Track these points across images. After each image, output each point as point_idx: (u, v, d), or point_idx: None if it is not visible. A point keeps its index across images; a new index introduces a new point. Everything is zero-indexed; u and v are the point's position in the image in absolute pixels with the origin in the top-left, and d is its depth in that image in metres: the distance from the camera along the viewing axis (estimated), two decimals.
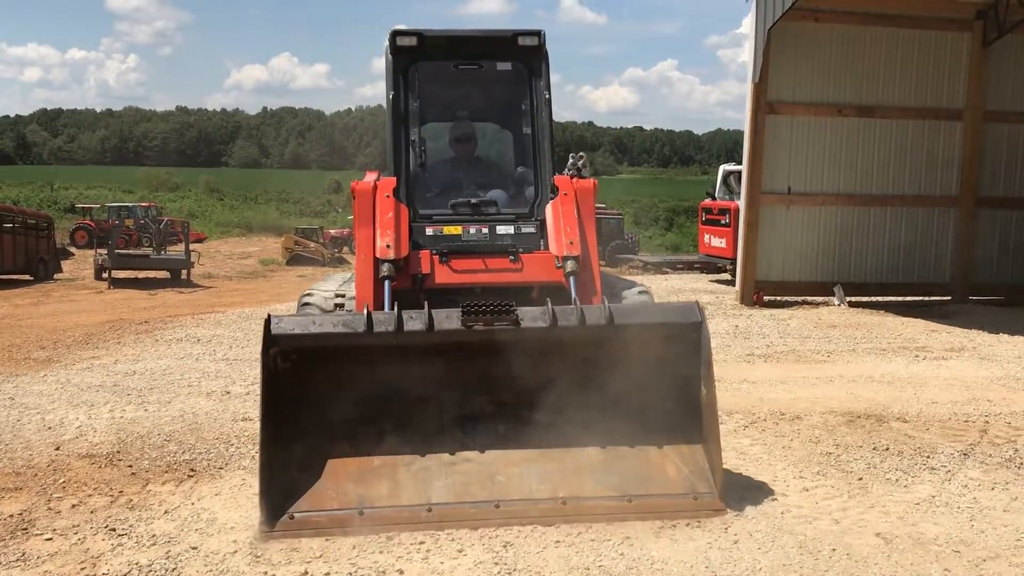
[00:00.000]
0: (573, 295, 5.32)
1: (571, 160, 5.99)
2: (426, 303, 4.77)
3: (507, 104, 6.60)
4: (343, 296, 5.90)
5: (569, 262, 5.52)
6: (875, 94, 15.50)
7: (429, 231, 5.84)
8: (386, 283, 5.40)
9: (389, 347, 4.73)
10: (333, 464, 4.67)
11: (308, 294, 6.09)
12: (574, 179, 5.89)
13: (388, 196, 5.68)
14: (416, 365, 4.85)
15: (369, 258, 5.55)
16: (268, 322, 4.52)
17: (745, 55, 15.46)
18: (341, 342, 4.68)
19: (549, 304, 4.76)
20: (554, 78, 6.13)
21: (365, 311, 4.66)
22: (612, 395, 4.88)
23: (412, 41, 5.90)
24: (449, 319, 4.67)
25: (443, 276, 5.64)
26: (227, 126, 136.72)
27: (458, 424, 4.90)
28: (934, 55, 15.60)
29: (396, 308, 4.70)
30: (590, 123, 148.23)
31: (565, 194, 5.79)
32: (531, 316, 4.73)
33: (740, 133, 16.01)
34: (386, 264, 5.45)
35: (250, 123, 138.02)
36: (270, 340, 4.51)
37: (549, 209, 5.84)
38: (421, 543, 4.37)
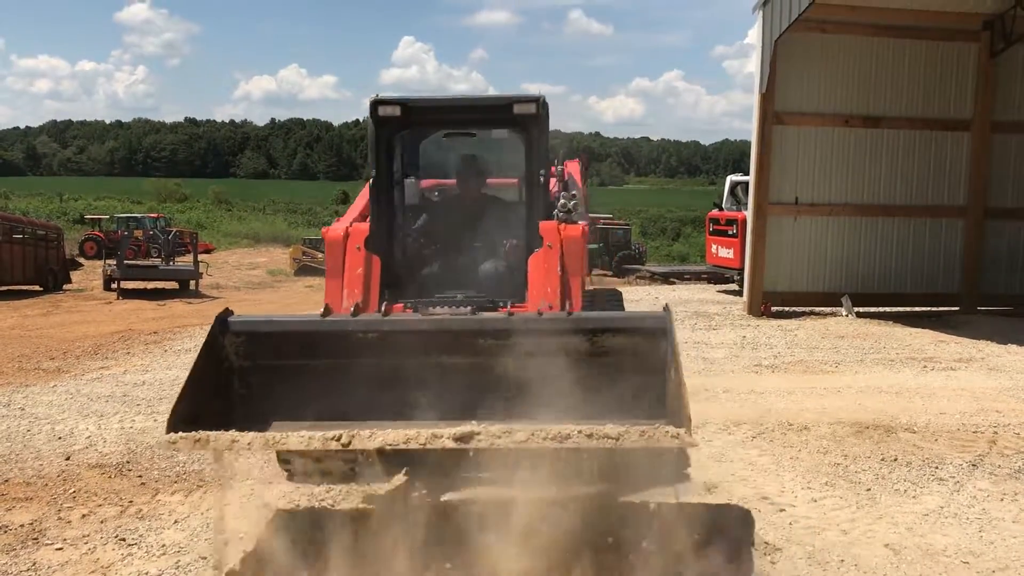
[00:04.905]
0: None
1: (561, 201, 5.39)
2: (383, 304, 4.67)
3: (505, 172, 6.20)
4: None
5: None
6: (882, 104, 15.50)
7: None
8: None
9: (343, 337, 4.51)
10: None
11: None
12: (562, 225, 5.25)
13: (359, 248, 5.23)
14: (372, 358, 4.53)
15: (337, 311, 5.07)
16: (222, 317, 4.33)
17: (752, 66, 15.50)
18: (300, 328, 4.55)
19: (509, 305, 4.67)
20: (560, 89, 5.73)
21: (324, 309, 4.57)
22: (575, 384, 4.43)
23: (395, 111, 5.23)
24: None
25: None
26: (235, 137, 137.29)
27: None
28: (941, 66, 15.59)
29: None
30: (597, 133, 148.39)
31: (550, 246, 5.19)
32: (489, 312, 4.72)
33: (747, 143, 16.07)
34: None
35: (258, 134, 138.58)
36: (223, 326, 4.28)
37: (531, 261, 5.24)
38: None
